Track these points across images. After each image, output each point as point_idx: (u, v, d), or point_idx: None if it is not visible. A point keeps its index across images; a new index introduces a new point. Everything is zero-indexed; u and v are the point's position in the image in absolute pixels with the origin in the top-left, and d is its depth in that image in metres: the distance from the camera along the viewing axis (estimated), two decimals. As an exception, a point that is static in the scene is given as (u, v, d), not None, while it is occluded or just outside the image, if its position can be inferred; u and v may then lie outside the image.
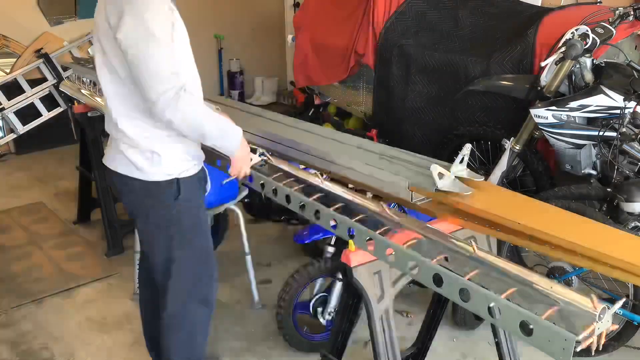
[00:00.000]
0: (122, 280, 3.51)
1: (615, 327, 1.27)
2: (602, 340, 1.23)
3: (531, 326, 1.22)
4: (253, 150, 2.15)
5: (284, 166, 2.17)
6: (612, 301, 1.32)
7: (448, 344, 2.90)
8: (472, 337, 2.96)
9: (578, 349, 1.19)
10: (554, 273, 2.62)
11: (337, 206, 1.84)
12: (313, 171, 2.07)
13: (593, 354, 1.27)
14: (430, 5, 4.09)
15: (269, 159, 2.21)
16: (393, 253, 1.55)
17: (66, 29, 6.14)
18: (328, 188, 1.96)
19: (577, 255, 1.46)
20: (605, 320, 1.22)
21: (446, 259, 1.53)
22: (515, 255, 2.91)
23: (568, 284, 2.58)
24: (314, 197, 1.89)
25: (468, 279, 1.36)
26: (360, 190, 1.97)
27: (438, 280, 1.42)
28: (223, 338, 2.97)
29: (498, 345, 2.11)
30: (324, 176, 2.02)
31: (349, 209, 1.83)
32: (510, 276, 1.41)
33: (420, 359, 2.37)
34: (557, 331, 1.18)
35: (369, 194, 1.95)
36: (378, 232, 1.63)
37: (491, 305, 1.30)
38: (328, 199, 1.90)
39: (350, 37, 4.28)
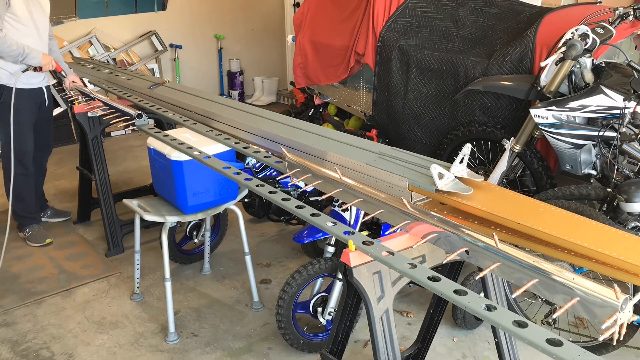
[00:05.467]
0: (122, 280, 3.51)
1: (636, 317, 1.29)
2: (624, 331, 1.24)
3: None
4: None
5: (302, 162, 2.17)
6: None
7: (448, 344, 2.90)
8: (472, 337, 2.96)
9: (600, 339, 1.20)
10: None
11: (356, 201, 1.85)
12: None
13: (614, 343, 1.27)
14: (430, 5, 4.09)
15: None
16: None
17: (66, 29, 6.15)
18: (347, 183, 1.95)
19: (577, 255, 1.45)
20: (627, 311, 1.23)
21: (467, 252, 1.53)
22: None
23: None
24: (333, 192, 1.93)
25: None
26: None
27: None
28: (223, 338, 2.97)
29: (498, 345, 2.11)
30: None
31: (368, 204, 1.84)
32: (532, 268, 1.42)
33: (420, 359, 2.37)
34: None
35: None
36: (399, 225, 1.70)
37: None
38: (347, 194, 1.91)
39: (350, 37, 4.28)
